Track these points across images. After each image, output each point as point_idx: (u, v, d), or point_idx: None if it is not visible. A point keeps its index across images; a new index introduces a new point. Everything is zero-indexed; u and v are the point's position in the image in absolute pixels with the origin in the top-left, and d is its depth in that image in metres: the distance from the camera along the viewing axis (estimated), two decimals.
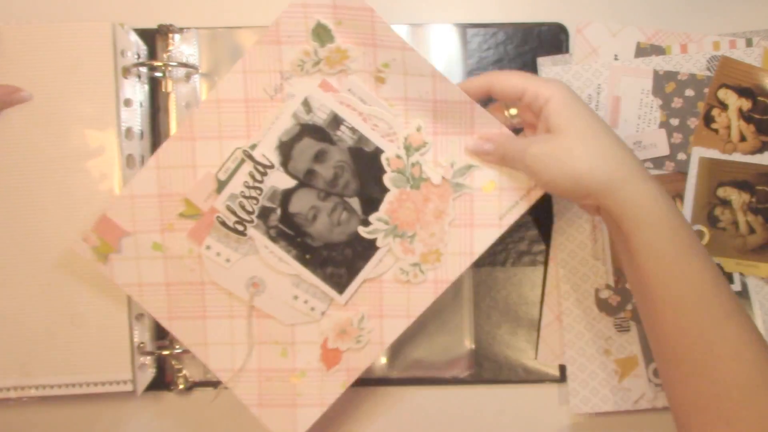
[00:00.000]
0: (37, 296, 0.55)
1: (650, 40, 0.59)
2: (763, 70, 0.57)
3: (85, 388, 0.56)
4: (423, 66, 0.50)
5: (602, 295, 0.58)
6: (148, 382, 0.58)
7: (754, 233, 0.58)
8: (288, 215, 0.52)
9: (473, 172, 0.52)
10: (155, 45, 0.58)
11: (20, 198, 0.55)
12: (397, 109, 0.51)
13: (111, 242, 0.52)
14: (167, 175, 0.52)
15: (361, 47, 0.50)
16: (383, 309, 0.53)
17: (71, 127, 0.55)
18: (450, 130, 0.51)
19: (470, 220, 0.52)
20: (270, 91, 0.51)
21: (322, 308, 0.53)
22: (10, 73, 0.54)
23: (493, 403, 0.60)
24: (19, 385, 0.56)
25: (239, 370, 0.54)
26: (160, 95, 0.59)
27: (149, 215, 0.52)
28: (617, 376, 0.58)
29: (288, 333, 0.54)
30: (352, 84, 0.51)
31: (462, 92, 0.50)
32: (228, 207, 0.52)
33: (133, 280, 0.53)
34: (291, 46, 0.50)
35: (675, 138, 0.58)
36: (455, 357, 0.59)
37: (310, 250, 0.52)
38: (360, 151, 0.51)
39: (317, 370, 0.54)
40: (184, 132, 0.52)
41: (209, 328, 0.54)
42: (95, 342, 0.56)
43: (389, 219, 0.52)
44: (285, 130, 0.51)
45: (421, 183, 0.52)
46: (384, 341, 0.53)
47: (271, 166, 0.51)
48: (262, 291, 0.53)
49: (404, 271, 0.52)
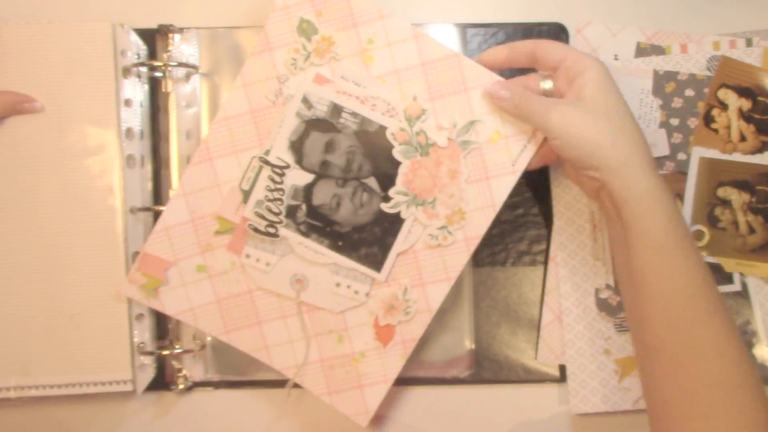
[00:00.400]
0: (37, 296, 0.55)
1: (650, 40, 0.59)
2: (763, 70, 0.57)
3: (85, 388, 0.56)
4: (404, 29, 0.52)
5: (602, 295, 0.58)
6: (148, 382, 0.58)
7: (754, 233, 0.58)
8: (313, 208, 0.54)
9: (476, 127, 0.53)
10: (155, 45, 0.59)
11: (20, 197, 0.55)
12: (391, 84, 0.53)
13: (158, 276, 0.54)
14: (195, 199, 0.54)
15: (344, 31, 0.52)
16: (423, 277, 0.55)
17: (71, 127, 0.55)
18: (444, 91, 0.53)
19: (485, 173, 0.53)
20: (271, 97, 0.53)
21: (366, 290, 0.55)
22: (10, 72, 0.54)
23: (493, 403, 0.60)
24: (19, 385, 0.56)
25: (303, 365, 0.56)
26: (160, 95, 0.59)
27: (187, 241, 0.54)
28: (617, 376, 0.58)
29: (340, 320, 0.55)
30: (344, 70, 0.53)
31: (446, 47, 0.52)
32: (257, 213, 0.54)
33: (184, 306, 0.55)
34: (281, 50, 0.53)
35: (675, 138, 0.58)
36: (455, 357, 0.59)
37: (341, 236, 0.54)
38: (365, 132, 0.53)
39: (375, 349, 0.55)
40: (202, 155, 0.54)
41: (266, 332, 0.56)
42: (95, 342, 0.56)
43: (408, 190, 0.53)
44: (292, 130, 0.53)
45: (429, 148, 0.53)
46: (431, 307, 0.55)
47: (287, 166, 0.53)
48: (307, 285, 0.55)
49: (433, 236, 0.54)
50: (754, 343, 0.58)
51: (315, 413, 0.59)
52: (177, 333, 0.59)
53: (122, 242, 0.55)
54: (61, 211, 0.55)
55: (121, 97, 0.56)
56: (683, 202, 0.58)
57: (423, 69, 0.52)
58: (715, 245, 0.58)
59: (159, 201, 0.59)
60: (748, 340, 0.58)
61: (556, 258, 0.59)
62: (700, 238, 0.58)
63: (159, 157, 0.59)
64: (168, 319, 0.58)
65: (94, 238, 0.55)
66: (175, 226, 0.54)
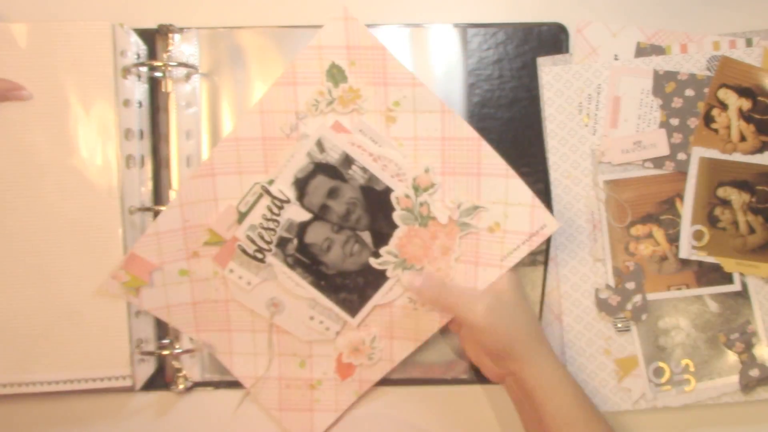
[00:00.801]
0: (35, 294, 0.55)
1: (650, 40, 0.59)
2: (763, 70, 0.57)
3: (84, 384, 0.56)
4: (432, 101, 0.52)
5: (602, 295, 0.58)
6: (147, 377, 0.58)
7: (754, 233, 0.58)
8: (304, 245, 0.55)
9: (479, 212, 0.53)
10: (155, 45, 0.58)
11: (20, 197, 0.55)
12: (407, 148, 0.53)
13: (142, 277, 0.55)
14: (190, 209, 0.54)
15: (373, 86, 0.52)
16: (393, 331, 0.56)
17: (71, 127, 0.55)
18: (458, 169, 0.53)
19: (475, 259, 0.54)
20: (286, 130, 0.53)
21: (336, 328, 0.57)
22: (10, 72, 0.54)
23: (492, 403, 0.60)
24: (18, 381, 0.56)
25: (261, 378, 0.58)
26: (159, 95, 0.59)
27: (175, 246, 0.55)
28: (617, 376, 0.58)
29: (306, 347, 0.57)
30: (364, 124, 0.53)
31: (470, 128, 0.52)
32: (248, 236, 0.54)
33: (161, 304, 0.56)
34: (306, 87, 0.52)
35: (675, 138, 0.58)
36: (455, 358, 0.59)
37: (324, 277, 0.55)
38: (371, 189, 0.54)
39: (333, 380, 0.58)
40: (205, 170, 0.54)
41: (234, 339, 0.57)
42: (94, 338, 0.56)
43: (398, 252, 0.54)
44: (300, 168, 0.54)
45: (429, 221, 0.54)
46: (394, 359, 0.57)
47: (288, 200, 0.54)
48: (282, 311, 0.56)
49: (412, 300, 0.55)
50: (754, 344, 0.58)
51: None
52: (177, 333, 0.59)
53: (121, 242, 0.55)
54: (60, 211, 0.55)
55: (121, 97, 0.56)
56: (683, 202, 0.58)
57: (442, 143, 0.52)
58: (715, 245, 0.58)
59: (159, 201, 0.59)
60: (748, 340, 0.58)
61: (556, 258, 0.59)
62: (700, 238, 0.58)
63: (159, 157, 0.59)
64: None
65: (93, 237, 0.55)
66: (167, 231, 0.54)
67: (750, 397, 0.58)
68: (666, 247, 0.58)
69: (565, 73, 0.58)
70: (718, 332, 0.58)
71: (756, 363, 0.58)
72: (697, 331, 0.58)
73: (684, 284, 0.58)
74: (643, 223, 0.58)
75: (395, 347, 0.57)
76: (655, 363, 0.58)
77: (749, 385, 0.58)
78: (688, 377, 0.58)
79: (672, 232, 0.58)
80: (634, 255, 0.58)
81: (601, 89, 0.58)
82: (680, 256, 0.58)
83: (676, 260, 0.58)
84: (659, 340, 0.58)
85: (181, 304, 0.56)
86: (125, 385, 0.56)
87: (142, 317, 0.57)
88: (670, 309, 0.58)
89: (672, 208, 0.58)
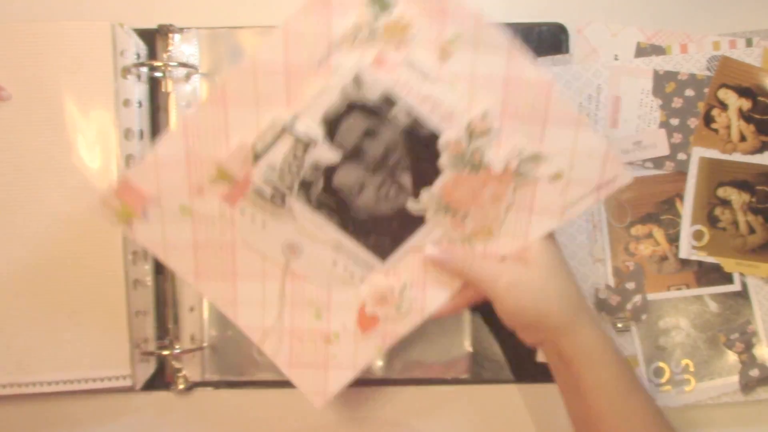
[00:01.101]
0: (35, 293, 0.55)
1: (650, 40, 0.59)
2: (763, 70, 0.57)
3: (84, 384, 0.56)
4: (498, 39, 0.45)
5: (602, 295, 0.58)
6: (147, 377, 0.58)
7: (754, 233, 0.58)
8: (331, 187, 0.49)
9: (541, 162, 0.48)
10: (155, 45, 0.59)
11: (20, 196, 0.55)
12: (461, 88, 0.46)
13: (134, 207, 0.48)
14: (196, 140, 0.47)
15: (427, 18, 0.45)
16: (427, 279, 0.51)
17: (71, 127, 0.55)
18: (521, 114, 0.47)
19: (530, 206, 0.49)
20: (315, 60, 0.46)
21: (362, 274, 0.51)
22: (10, 72, 0.54)
23: (493, 403, 0.60)
24: (18, 381, 0.56)
25: (269, 329, 0.52)
26: (159, 95, 0.59)
27: (176, 179, 0.48)
28: None
29: (323, 295, 0.51)
30: (413, 56, 0.46)
31: (540, 69, 0.46)
32: (265, 179, 0.48)
33: (157, 240, 0.50)
34: (344, 11, 0.45)
35: (675, 138, 0.58)
36: (455, 358, 0.59)
37: (353, 221, 0.50)
38: (414, 132, 0.47)
39: (352, 333, 0.52)
40: (216, 96, 0.47)
41: (240, 288, 0.51)
42: (94, 338, 0.56)
43: (441, 198, 0.49)
44: (331, 105, 0.46)
45: (481, 169, 0.48)
46: (425, 311, 0.51)
47: (314, 140, 0.47)
48: (300, 255, 0.50)
49: (452, 240, 0.50)
50: (754, 344, 0.58)
51: (315, 414, 0.59)
52: (177, 333, 0.59)
53: (120, 242, 0.55)
54: (60, 210, 0.55)
55: (121, 97, 0.56)
56: (683, 202, 0.58)
57: (505, 84, 0.46)
58: (715, 245, 0.58)
59: None
60: (748, 340, 0.58)
61: None
62: (700, 238, 0.58)
63: None
64: (168, 318, 0.58)
65: (93, 236, 0.55)
66: (167, 161, 0.48)
67: (750, 397, 0.58)
68: (666, 247, 0.58)
69: (565, 74, 0.58)
70: (718, 332, 0.58)
71: (756, 363, 0.58)
72: (697, 331, 0.58)
73: (684, 284, 0.58)
74: (643, 223, 0.58)
75: (428, 297, 0.51)
76: (655, 363, 0.58)
77: (749, 385, 0.58)
78: (688, 377, 0.58)
79: (672, 232, 0.58)
80: (634, 255, 0.58)
81: (601, 89, 0.58)
82: (680, 256, 0.58)
83: (676, 260, 0.58)
84: (659, 340, 0.58)
85: (180, 244, 0.50)
86: (125, 385, 0.56)
87: (142, 317, 0.57)
88: (670, 309, 0.58)
89: (672, 208, 0.58)
